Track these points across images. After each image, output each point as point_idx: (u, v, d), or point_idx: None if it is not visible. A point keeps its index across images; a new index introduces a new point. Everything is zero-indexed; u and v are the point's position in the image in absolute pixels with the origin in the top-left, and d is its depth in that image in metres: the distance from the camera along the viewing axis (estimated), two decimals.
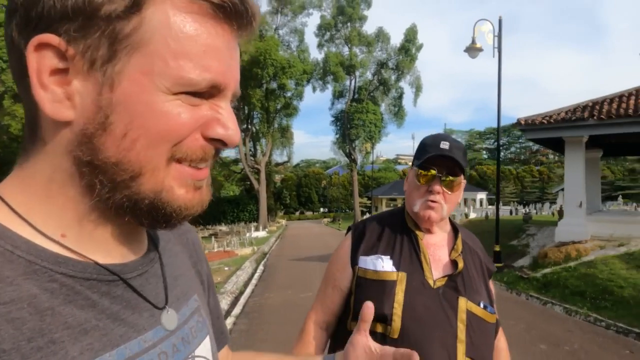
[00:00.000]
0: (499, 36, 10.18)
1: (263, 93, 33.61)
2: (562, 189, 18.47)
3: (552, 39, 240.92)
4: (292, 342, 1.28)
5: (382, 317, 1.09)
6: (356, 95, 37.47)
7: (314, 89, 37.46)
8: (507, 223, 14.75)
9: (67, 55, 0.37)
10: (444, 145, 1.19)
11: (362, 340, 0.71)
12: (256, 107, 34.02)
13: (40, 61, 0.37)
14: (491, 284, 1.31)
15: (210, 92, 0.42)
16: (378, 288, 1.14)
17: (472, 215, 24.21)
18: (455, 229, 1.29)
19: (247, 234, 24.66)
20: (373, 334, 1.05)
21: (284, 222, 44.23)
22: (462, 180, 1.21)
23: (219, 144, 0.45)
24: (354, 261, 1.22)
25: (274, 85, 33.30)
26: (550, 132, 9.51)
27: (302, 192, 58.73)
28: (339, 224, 37.41)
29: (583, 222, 9.65)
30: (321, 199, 59.81)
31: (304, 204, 59.25)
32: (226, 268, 11.90)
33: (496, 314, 1.22)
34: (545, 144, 12.23)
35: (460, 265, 1.18)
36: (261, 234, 27.46)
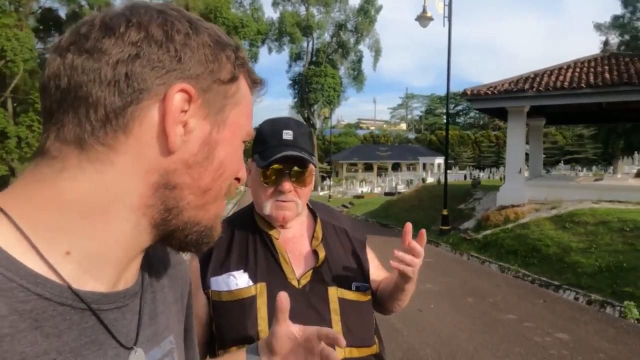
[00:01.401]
0: (449, 5, 10.30)
1: None
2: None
3: (515, 3, 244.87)
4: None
5: (248, 339, 1.00)
6: (314, 58, 36.88)
7: (270, 50, 36.55)
8: (457, 188, 15.52)
9: (192, 102, 0.45)
10: (287, 135, 1.07)
11: (283, 330, 0.70)
12: None
13: (177, 102, 0.44)
14: (369, 252, 1.24)
15: None
16: (237, 309, 1.04)
17: (429, 180, 25.16)
18: (313, 213, 1.20)
19: None
20: None
21: (242, 188, 43.93)
22: (312, 171, 1.11)
23: (237, 182, 0.54)
24: (204, 284, 1.08)
25: None
26: (494, 102, 9.95)
27: None
28: None
29: (521, 187, 10.35)
30: None
31: None
32: None
33: (370, 288, 1.16)
34: (491, 113, 12.79)
35: (322, 254, 1.10)
36: None
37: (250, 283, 1.06)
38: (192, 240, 0.49)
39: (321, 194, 28.82)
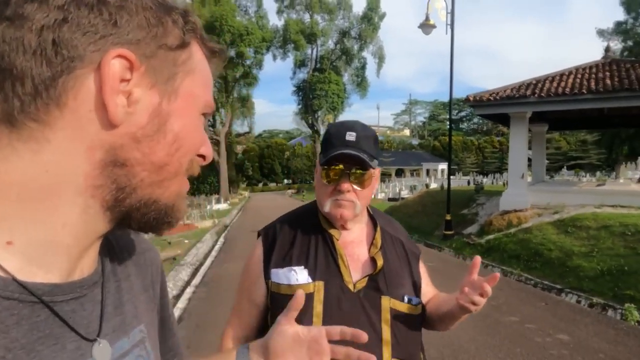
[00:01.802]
0: (452, 13, 10.45)
1: None
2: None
3: (518, 10, 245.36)
4: None
5: None
6: (318, 65, 37.16)
7: (274, 58, 36.81)
8: (460, 193, 15.58)
9: (135, 69, 0.41)
10: (350, 136, 1.09)
11: (289, 329, 0.70)
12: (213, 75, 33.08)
13: (114, 70, 0.40)
14: (421, 266, 1.25)
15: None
16: None
17: (433, 186, 25.21)
18: (373, 220, 1.22)
19: (208, 207, 24.54)
20: None
21: (246, 194, 44.10)
22: (372, 174, 1.12)
23: (201, 159, 0.51)
24: (266, 274, 1.13)
25: (231, 53, 32.41)
26: (496, 109, 10.05)
27: (265, 164, 58.40)
28: (302, 195, 37.81)
29: (524, 192, 10.41)
30: (285, 170, 59.77)
31: (267, 175, 59.06)
32: (186, 241, 11.98)
33: (421, 302, 1.17)
34: (494, 119, 12.89)
35: (380, 263, 1.11)
36: (223, 206, 27.36)
37: (310, 280, 1.08)
38: (150, 219, 0.46)
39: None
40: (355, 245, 1.15)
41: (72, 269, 0.44)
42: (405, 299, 1.12)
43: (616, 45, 26.67)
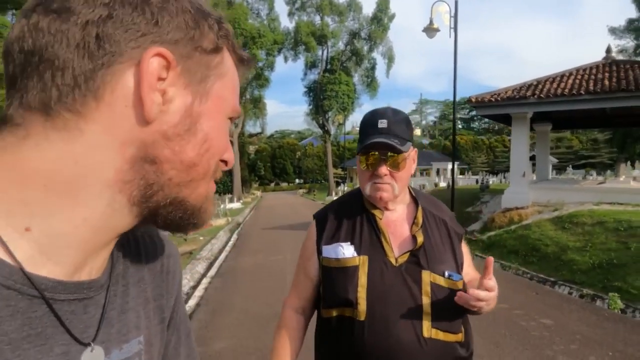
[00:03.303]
0: (455, 17, 10.83)
1: None
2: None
3: (532, 8, 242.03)
4: (259, 295, 1.63)
5: (348, 302, 1.15)
6: (328, 66, 37.61)
7: (286, 59, 37.35)
8: (466, 191, 15.94)
9: (171, 69, 0.42)
10: (382, 123, 1.18)
11: None
12: None
13: (153, 67, 0.40)
14: (463, 246, 1.32)
15: None
16: (341, 275, 1.18)
17: (442, 185, 25.51)
18: (416, 201, 1.29)
19: (222, 206, 25.17)
20: (342, 318, 1.18)
21: (259, 193, 44.76)
22: (406, 157, 1.19)
23: (224, 165, 0.51)
24: (319, 251, 1.25)
25: None
26: (498, 109, 10.41)
27: (277, 164, 59.07)
28: (313, 194, 38.30)
29: (526, 190, 10.75)
30: (296, 170, 60.35)
31: (279, 175, 59.71)
32: (201, 237, 12.60)
33: (462, 279, 1.23)
34: (496, 119, 13.21)
35: (420, 239, 1.19)
36: (236, 205, 27.99)
37: (355, 254, 1.19)
38: (177, 218, 0.46)
39: (335, 198, 29.32)
40: (398, 224, 1.24)
41: (81, 265, 0.43)
42: (446, 274, 1.19)
43: (628, 43, 26.58)
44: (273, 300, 5.87)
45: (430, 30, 11.02)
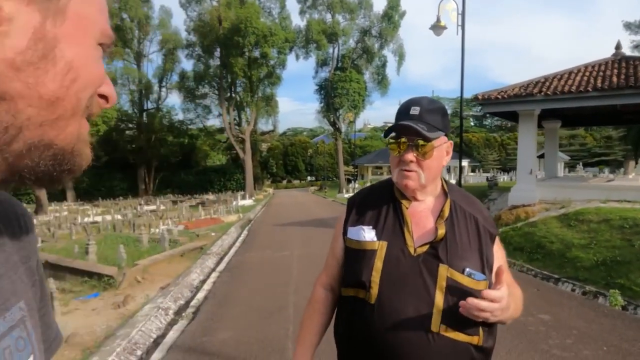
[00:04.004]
0: (463, 14, 10.85)
1: (245, 62, 33.67)
2: (538, 156, 19.65)
3: (548, 4, 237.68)
4: (263, 289, 1.63)
5: (361, 284, 1.16)
6: (339, 64, 37.67)
7: (297, 57, 37.61)
8: (475, 189, 15.90)
9: None
10: (414, 110, 1.17)
11: None
12: (239, 75, 34.16)
13: None
14: (497, 248, 1.25)
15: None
16: (359, 257, 1.18)
17: (452, 182, 25.46)
18: (447, 194, 1.26)
19: (234, 203, 25.55)
20: (356, 299, 1.18)
21: (271, 190, 45.13)
22: (435, 145, 1.16)
23: (104, 101, 0.44)
24: (344, 232, 1.27)
25: (256, 53, 33.34)
26: (505, 107, 10.41)
27: (289, 161, 59.42)
28: (324, 192, 38.49)
29: (533, 188, 10.74)
30: (308, 167, 60.62)
31: (291, 172, 60.07)
32: (213, 234, 12.89)
33: (487, 280, 1.14)
34: (503, 117, 13.17)
35: (441, 232, 1.16)
36: (248, 202, 28.35)
37: (375, 239, 1.19)
38: (48, 168, 0.39)
39: (346, 195, 29.48)
40: (424, 215, 1.22)
41: None
42: (466, 271, 1.13)
43: None
44: (276, 295, 6.07)
45: (437, 28, 11.05)
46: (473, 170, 40.65)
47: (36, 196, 24.86)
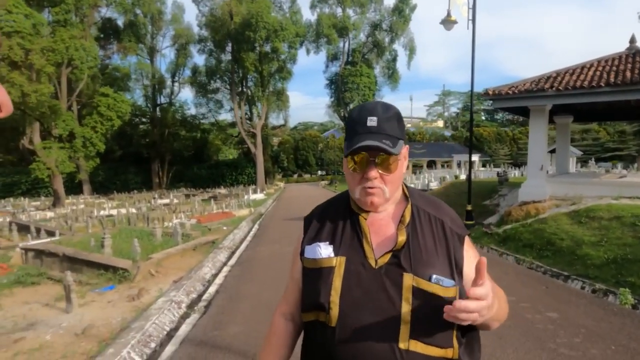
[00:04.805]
0: (473, 8, 10.76)
1: (256, 56, 33.79)
2: (549, 151, 19.41)
3: None
4: (271, 283, 1.61)
5: (320, 306, 1.06)
6: (350, 58, 37.55)
7: (308, 52, 37.63)
8: (484, 184, 15.81)
9: None
10: (371, 121, 1.06)
11: None
12: (250, 70, 34.33)
13: None
14: (467, 249, 1.13)
15: None
16: (316, 276, 1.10)
17: (462, 177, 25.30)
18: (407, 198, 1.18)
19: (246, 197, 25.77)
20: (316, 323, 1.09)
21: (282, 184, 45.32)
22: (398, 158, 1.08)
23: None
24: (302, 252, 1.18)
25: (267, 48, 33.41)
26: (516, 102, 10.31)
27: (300, 155, 59.50)
28: (335, 186, 38.54)
29: (543, 184, 10.65)
30: (318, 161, 60.66)
31: (302, 166, 60.16)
32: (224, 228, 13.08)
33: (456, 286, 1.05)
34: (514, 112, 13.04)
35: (402, 238, 1.07)
36: (259, 196, 28.57)
37: (332, 255, 1.10)
38: None
39: None
40: (383, 223, 1.13)
41: None
42: (433, 278, 1.04)
43: None
44: (283, 289, 6.17)
45: (447, 22, 10.98)
46: (484, 165, 40.26)
47: (54, 189, 25.44)
